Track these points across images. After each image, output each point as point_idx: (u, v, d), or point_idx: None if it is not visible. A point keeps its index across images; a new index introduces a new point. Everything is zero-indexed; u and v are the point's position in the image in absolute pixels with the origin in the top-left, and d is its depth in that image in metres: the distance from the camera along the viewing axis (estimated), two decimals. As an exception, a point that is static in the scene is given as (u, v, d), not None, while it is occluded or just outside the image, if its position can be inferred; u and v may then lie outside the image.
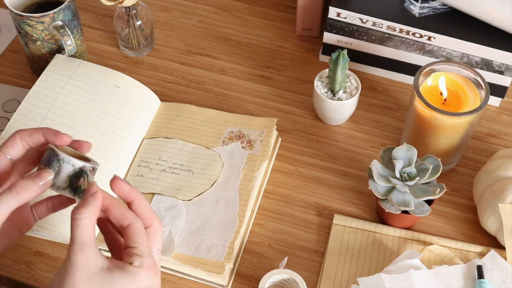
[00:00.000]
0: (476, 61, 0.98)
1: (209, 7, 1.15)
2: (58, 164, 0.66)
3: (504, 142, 0.98)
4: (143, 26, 1.04)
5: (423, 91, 0.87)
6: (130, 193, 0.65)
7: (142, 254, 0.62)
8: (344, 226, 0.88)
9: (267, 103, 1.02)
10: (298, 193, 0.92)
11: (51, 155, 0.66)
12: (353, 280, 0.83)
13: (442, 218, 0.90)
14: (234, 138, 0.93)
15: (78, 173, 0.66)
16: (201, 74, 1.06)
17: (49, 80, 0.94)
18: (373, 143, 0.98)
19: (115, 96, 0.93)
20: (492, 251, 0.84)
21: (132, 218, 0.63)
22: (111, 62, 1.07)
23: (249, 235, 0.88)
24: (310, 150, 0.97)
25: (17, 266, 0.85)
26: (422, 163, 0.83)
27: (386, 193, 0.83)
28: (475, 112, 0.85)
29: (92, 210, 0.61)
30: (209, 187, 0.88)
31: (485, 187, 0.86)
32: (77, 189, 0.66)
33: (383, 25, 0.99)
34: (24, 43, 0.99)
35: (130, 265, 0.61)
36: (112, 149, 0.90)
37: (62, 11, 0.95)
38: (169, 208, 0.86)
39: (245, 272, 0.85)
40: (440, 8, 1.00)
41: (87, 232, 0.61)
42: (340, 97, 0.95)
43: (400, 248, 0.86)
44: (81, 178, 0.66)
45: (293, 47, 1.10)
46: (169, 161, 0.91)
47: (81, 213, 0.61)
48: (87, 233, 0.61)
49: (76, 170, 0.66)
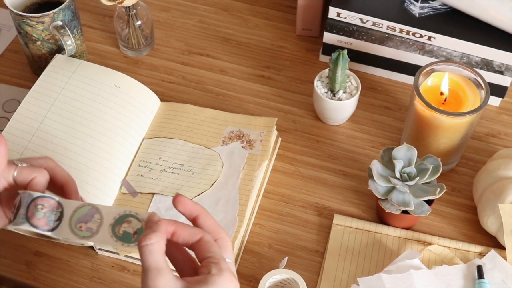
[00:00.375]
0: (476, 61, 0.98)
1: (209, 7, 1.15)
2: (100, 216, 0.66)
3: (504, 142, 0.98)
4: (143, 26, 1.04)
5: (423, 91, 0.87)
6: (194, 209, 0.64)
7: (218, 261, 0.61)
8: (344, 226, 0.88)
9: (267, 103, 1.02)
10: (298, 193, 0.92)
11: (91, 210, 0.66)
12: (353, 280, 0.83)
13: (442, 218, 0.90)
14: (234, 138, 0.93)
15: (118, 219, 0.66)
16: (201, 74, 1.06)
17: (49, 80, 0.94)
18: (373, 143, 0.98)
19: (115, 96, 0.93)
20: (492, 251, 0.84)
21: (200, 232, 0.62)
22: (111, 62, 1.07)
23: (249, 235, 0.88)
24: (310, 150, 0.97)
25: (17, 266, 0.85)
26: (422, 163, 0.83)
27: (386, 193, 0.83)
28: (475, 112, 0.85)
29: (160, 235, 0.60)
30: (209, 187, 0.88)
31: (485, 187, 0.86)
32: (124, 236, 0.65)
33: (383, 25, 0.99)
34: (24, 43, 0.99)
35: (209, 274, 0.60)
36: (112, 149, 0.90)
37: (62, 11, 0.95)
38: (169, 208, 0.86)
39: (245, 272, 0.85)
40: (440, 8, 1.00)
41: (160, 257, 0.59)
42: (340, 97, 0.95)
43: (400, 248, 0.86)
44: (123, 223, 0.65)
45: (293, 47, 1.10)
46: (169, 161, 0.91)
47: (151, 238, 0.59)
48: (160, 258, 0.59)
49: (116, 217, 0.65)
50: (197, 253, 0.62)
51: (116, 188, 0.89)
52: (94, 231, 0.65)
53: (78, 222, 0.66)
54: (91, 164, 0.88)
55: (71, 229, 0.66)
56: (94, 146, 0.89)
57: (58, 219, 0.66)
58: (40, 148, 0.87)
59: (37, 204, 0.66)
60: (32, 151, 0.87)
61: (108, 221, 0.65)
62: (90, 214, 0.66)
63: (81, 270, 0.85)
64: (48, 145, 0.88)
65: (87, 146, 0.89)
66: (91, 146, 0.89)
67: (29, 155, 0.86)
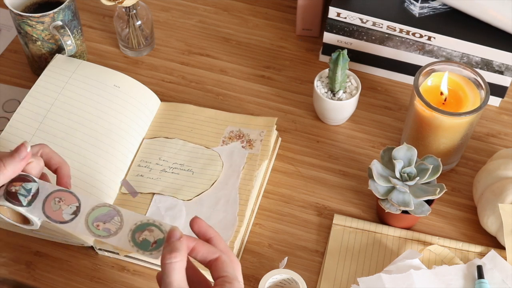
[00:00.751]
0: (476, 61, 0.98)
1: (209, 7, 1.15)
2: (120, 219, 0.68)
3: (504, 142, 0.98)
4: (143, 26, 1.04)
5: (423, 91, 0.87)
6: (208, 231, 0.68)
7: (232, 280, 0.65)
8: (344, 226, 0.88)
9: (267, 103, 1.02)
10: (298, 193, 0.92)
11: (111, 211, 0.69)
12: (353, 280, 0.83)
13: (442, 218, 0.90)
14: (234, 138, 0.93)
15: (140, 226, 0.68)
16: (201, 74, 1.06)
17: (49, 80, 0.94)
18: (373, 143, 0.98)
19: (115, 96, 0.93)
20: (492, 251, 0.84)
21: (218, 251, 0.66)
22: (111, 62, 1.07)
23: (249, 235, 0.88)
24: (310, 150, 0.97)
25: (17, 266, 0.85)
26: (422, 163, 0.83)
27: (386, 193, 0.83)
28: (475, 112, 0.85)
29: (183, 253, 0.64)
30: (209, 187, 0.88)
31: (485, 187, 0.86)
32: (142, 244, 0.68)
33: (383, 25, 0.99)
34: (24, 43, 0.99)
35: None
36: (112, 149, 0.90)
37: (62, 11, 0.95)
38: (169, 208, 0.86)
39: (245, 272, 0.85)
40: (440, 8, 1.00)
41: (182, 274, 0.64)
42: (340, 97, 0.95)
43: (400, 248, 0.86)
44: (145, 231, 0.68)
45: (293, 47, 1.10)
46: (169, 161, 0.91)
47: (176, 257, 0.63)
48: (182, 275, 0.64)
49: (138, 224, 0.68)
50: (213, 271, 0.66)
51: (116, 188, 0.89)
52: (112, 232, 0.68)
53: (95, 221, 0.68)
54: (91, 164, 0.88)
55: (87, 225, 0.68)
56: (94, 146, 0.89)
57: (74, 213, 0.69)
58: (40, 148, 0.87)
59: (55, 197, 0.70)
60: (32, 151, 0.87)
61: (129, 226, 0.68)
62: (110, 215, 0.69)
63: (81, 270, 0.85)
64: (48, 145, 0.88)
65: (87, 146, 0.89)
66: (91, 146, 0.89)
67: (29, 155, 0.86)
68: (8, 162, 0.69)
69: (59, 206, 0.70)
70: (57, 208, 0.70)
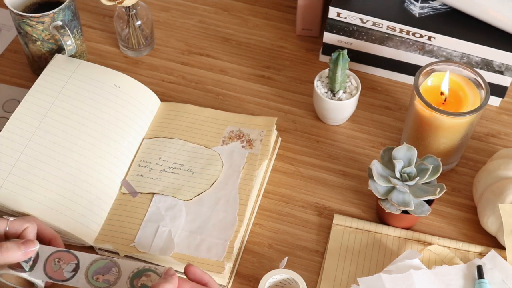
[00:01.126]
0: (476, 61, 0.98)
1: (209, 7, 1.15)
2: (117, 269, 0.74)
3: (504, 142, 0.98)
4: (143, 26, 1.04)
5: (423, 91, 0.87)
6: (203, 276, 0.73)
7: None
8: (344, 226, 0.88)
9: (267, 103, 1.02)
10: (298, 193, 0.92)
11: (108, 263, 0.74)
12: (353, 280, 0.83)
13: (442, 218, 0.90)
14: (234, 138, 0.93)
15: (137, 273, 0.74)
16: (201, 74, 1.06)
17: (49, 80, 0.94)
18: (373, 143, 0.98)
19: (115, 96, 0.93)
20: (492, 251, 0.84)
21: None
22: (111, 62, 1.07)
23: (249, 235, 0.88)
24: (310, 150, 0.97)
25: (17, 266, 0.85)
26: (422, 163, 0.83)
27: (386, 193, 0.83)
28: (475, 112, 0.85)
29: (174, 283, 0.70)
30: (209, 187, 0.88)
31: (485, 187, 0.86)
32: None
33: (383, 25, 0.99)
34: (24, 43, 0.99)
35: None
36: (112, 149, 0.90)
37: (62, 11, 0.95)
38: (169, 207, 0.86)
39: (245, 272, 0.85)
40: (440, 8, 1.00)
41: None
42: (340, 97, 0.95)
43: (400, 248, 0.86)
44: (142, 277, 0.73)
45: (293, 47, 1.10)
46: (169, 161, 0.91)
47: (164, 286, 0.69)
48: None
49: (135, 271, 0.74)
50: None
51: (116, 188, 0.89)
52: (111, 282, 0.73)
53: (95, 274, 0.74)
54: (91, 164, 0.88)
55: (87, 279, 0.74)
56: (94, 146, 0.89)
57: (74, 270, 0.74)
58: (40, 147, 0.87)
59: (54, 258, 0.75)
60: (32, 150, 0.87)
61: (126, 274, 0.73)
62: (107, 267, 0.74)
63: (81, 270, 0.85)
64: (47, 145, 0.88)
65: (87, 146, 0.89)
66: (91, 146, 0.89)
67: (29, 154, 0.86)
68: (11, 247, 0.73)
69: (59, 266, 0.74)
70: (58, 268, 0.74)
